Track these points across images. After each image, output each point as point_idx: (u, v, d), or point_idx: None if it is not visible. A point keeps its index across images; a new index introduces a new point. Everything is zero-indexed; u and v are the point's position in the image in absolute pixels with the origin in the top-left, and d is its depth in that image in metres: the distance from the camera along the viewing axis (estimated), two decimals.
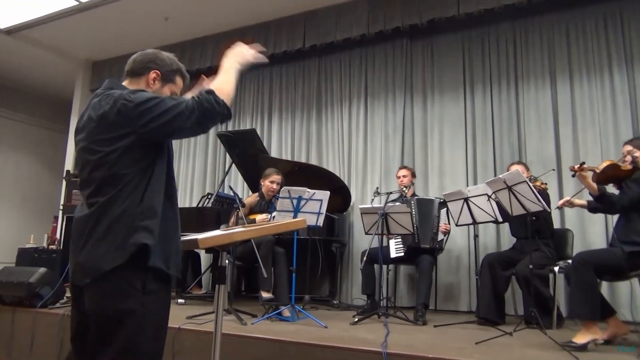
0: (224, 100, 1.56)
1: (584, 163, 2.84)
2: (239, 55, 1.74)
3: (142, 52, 1.73)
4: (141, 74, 1.68)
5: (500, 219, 3.60)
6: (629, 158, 2.90)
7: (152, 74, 1.68)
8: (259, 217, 4.14)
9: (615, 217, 3.05)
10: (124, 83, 1.68)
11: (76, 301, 1.57)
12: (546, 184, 3.42)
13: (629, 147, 2.98)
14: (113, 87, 1.61)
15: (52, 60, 7.14)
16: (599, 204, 2.99)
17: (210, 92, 1.54)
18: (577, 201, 3.16)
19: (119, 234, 1.46)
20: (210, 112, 1.53)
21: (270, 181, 4.36)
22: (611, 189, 3.01)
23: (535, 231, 3.59)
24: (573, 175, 2.91)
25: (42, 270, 4.01)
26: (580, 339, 2.63)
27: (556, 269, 3.61)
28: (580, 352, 2.51)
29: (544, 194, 3.56)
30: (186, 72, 1.80)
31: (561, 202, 3.19)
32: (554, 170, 4.18)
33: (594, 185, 2.86)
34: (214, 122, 1.59)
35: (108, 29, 6.18)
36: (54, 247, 6.32)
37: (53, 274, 4.12)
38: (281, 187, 4.36)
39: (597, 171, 2.85)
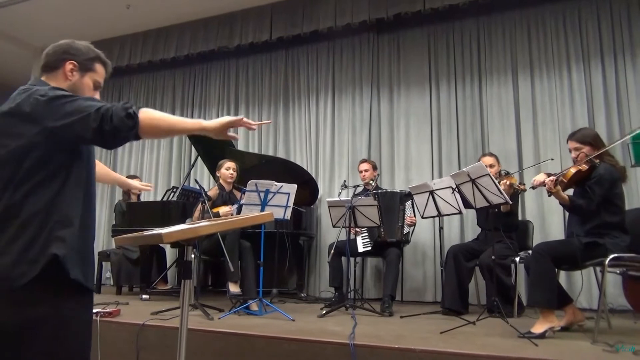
0: (138, 124, 1.40)
1: (557, 180, 2.86)
2: (223, 128, 1.58)
3: (54, 44, 1.63)
4: (56, 67, 1.59)
5: (463, 211, 3.68)
6: (582, 156, 2.97)
7: (69, 65, 1.58)
8: (222, 210, 4.08)
9: None
10: (42, 79, 1.59)
11: None
12: (524, 184, 3.43)
13: (575, 144, 3.02)
14: (36, 84, 1.53)
15: (6, 48, 6.81)
16: (569, 211, 3.04)
17: (131, 109, 1.40)
18: (562, 194, 2.93)
19: (30, 244, 1.37)
20: (114, 120, 1.37)
21: (225, 168, 4.35)
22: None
23: (503, 224, 3.68)
24: (549, 195, 2.92)
25: None
26: (538, 328, 2.72)
27: (517, 259, 3.73)
28: (539, 339, 2.61)
29: (516, 195, 3.65)
30: (106, 59, 1.69)
31: (549, 180, 2.88)
32: (552, 159, 4.20)
33: (566, 196, 2.91)
34: (116, 134, 1.40)
35: (67, 16, 5.93)
36: None
37: None
38: (238, 174, 4.35)
39: (565, 181, 2.92)
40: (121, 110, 1.39)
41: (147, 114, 1.43)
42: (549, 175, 2.95)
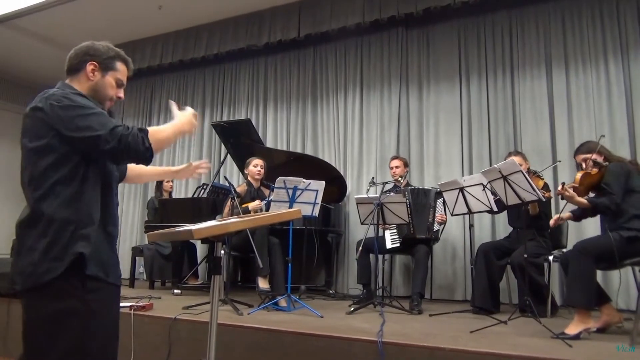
0: (151, 145, 1.51)
1: (564, 183, 2.91)
2: (189, 124, 1.74)
3: (75, 47, 1.69)
4: (79, 69, 1.64)
5: (495, 209, 3.61)
6: (589, 163, 3.01)
7: (90, 66, 1.64)
8: (252, 205, 4.13)
9: None
10: (66, 82, 1.65)
11: (20, 299, 1.53)
12: (550, 191, 3.50)
13: (582, 156, 3.11)
14: (59, 87, 1.59)
15: (43, 50, 7.05)
16: (596, 214, 3.08)
17: (143, 132, 1.50)
18: (565, 215, 3.24)
19: (54, 242, 1.44)
20: (131, 150, 1.47)
21: (253, 165, 4.41)
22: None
23: (534, 222, 3.60)
24: (562, 198, 2.97)
25: None
26: (573, 329, 2.65)
27: (551, 258, 3.64)
28: (574, 340, 2.54)
29: (547, 201, 3.63)
30: (127, 56, 1.75)
31: (552, 221, 3.27)
32: (560, 161, 4.17)
33: (583, 200, 2.92)
34: (130, 160, 1.54)
35: (100, 18, 6.10)
36: None
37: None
38: (265, 171, 4.40)
39: (577, 185, 2.94)
40: (140, 144, 1.48)
41: (155, 140, 1.53)
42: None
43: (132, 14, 5.99)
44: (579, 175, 2.97)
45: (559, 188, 2.90)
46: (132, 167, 1.88)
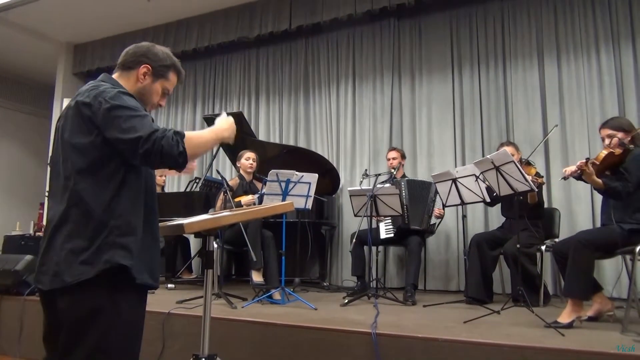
0: (186, 151, 1.45)
1: (588, 159, 2.78)
2: (229, 130, 1.68)
3: (136, 44, 1.66)
4: (132, 68, 1.62)
5: (488, 200, 3.62)
6: (615, 141, 2.87)
7: (143, 69, 1.61)
8: (244, 199, 4.11)
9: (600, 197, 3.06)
10: (114, 75, 1.62)
11: (43, 300, 1.51)
12: (543, 177, 3.37)
13: (608, 131, 2.94)
14: (105, 81, 1.56)
15: (32, 44, 6.96)
16: (605, 196, 2.93)
17: (179, 135, 1.45)
18: (596, 178, 2.81)
19: (86, 245, 1.40)
20: (164, 153, 1.41)
21: (245, 158, 4.38)
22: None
23: (528, 212, 3.61)
24: (581, 175, 2.78)
25: (29, 257, 3.97)
26: (566, 317, 2.66)
27: (543, 247, 3.66)
28: (566, 329, 2.56)
29: (539, 186, 3.57)
30: (182, 68, 1.72)
31: (569, 171, 2.84)
32: (557, 125, 4.09)
33: (599, 180, 2.80)
34: (163, 164, 1.46)
35: (89, 11, 6.03)
36: (40, 234, 6.25)
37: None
38: (258, 164, 4.38)
39: (598, 163, 2.81)
40: (174, 147, 1.42)
41: (191, 145, 1.48)
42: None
43: (122, 7, 5.92)
44: (603, 153, 2.82)
45: (581, 162, 2.74)
46: None
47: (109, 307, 1.41)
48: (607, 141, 2.94)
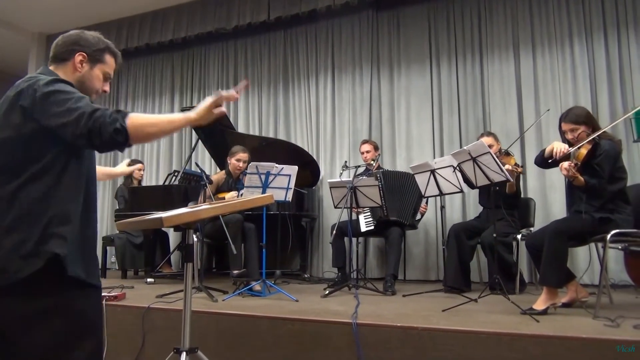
0: (126, 129, 1.37)
1: (577, 164, 2.77)
2: (199, 112, 1.56)
3: (64, 34, 1.61)
4: (66, 59, 1.57)
5: (465, 190, 3.67)
6: (583, 135, 2.89)
7: (78, 57, 1.57)
8: (228, 196, 4.09)
9: None
10: (50, 68, 1.57)
11: None
12: (522, 166, 3.38)
13: (570, 125, 2.92)
14: (43, 73, 1.52)
15: (2, 34, 6.75)
16: (582, 192, 2.92)
17: (121, 113, 1.39)
18: (581, 178, 2.83)
19: (25, 239, 1.35)
20: (102, 131, 1.35)
21: (236, 159, 4.29)
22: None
23: (504, 201, 3.68)
24: (572, 182, 2.82)
25: None
26: (540, 305, 2.74)
27: (519, 236, 3.74)
28: (541, 316, 2.63)
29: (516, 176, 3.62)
30: (116, 49, 1.67)
31: (572, 168, 2.78)
32: (549, 110, 4.09)
33: (582, 179, 2.82)
34: (103, 144, 1.38)
35: (61, 1, 5.86)
36: None
37: None
38: (248, 164, 4.32)
39: (579, 163, 2.83)
40: (109, 125, 1.35)
41: (136, 123, 1.40)
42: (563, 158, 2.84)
43: None
44: (583, 152, 2.81)
45: (570, 168, 2.73)
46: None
47: (60, 308, 1.37)
48: (570, 135, 2.94)
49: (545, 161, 3.00)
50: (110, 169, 2.23)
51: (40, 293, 1.36)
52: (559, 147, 2.87)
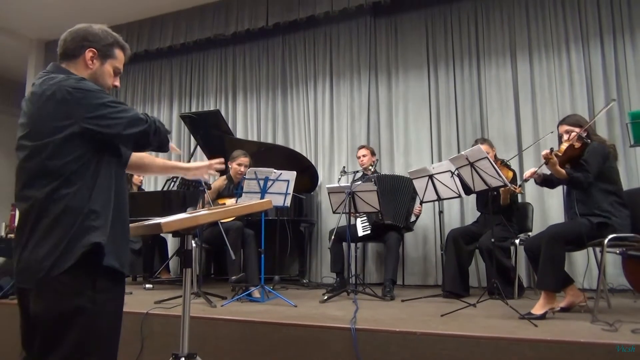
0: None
1: (552, 149, 2.89)
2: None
3: (70, 30, 1.60)
4: (76, 55, 1.55)
5: (463, 195, 3.68)
6: (574, 135, 3.00)
7: (89, 53, 1.55)
8: (229, 202, 4.09)
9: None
10: (62, 66, 1.57)
11: (21, 302, 1.47)
12: (521, 186, 3.55)
13: (566, 127, 3.11)
14: (56, 71, 1.52)
15: (1, 41, 6.76)
16: (569, 185, 3.06)
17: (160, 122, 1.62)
18: (539, 171, 3.15)
19: (63, 235, 1.37)
20: (161, 133, 1.60)
21: (237, 164, 4.29)
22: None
23: (500, 207, 3.69)
24: (546, 164, 2.92)
25: (1, 259, 3.88)
26: (539, 309, 2.74)
27: (517, 241, 3.75)
28: (539, 320, 2.63)
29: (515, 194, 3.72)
30: (124, 41, 1.68)
31: (529, 173, 3.13)
32: (552, 132, 4.12)
33: (563, 170, 2.91)
34: (161, 144, 1.64)
35: (61, 7, 5.88)
36: (12, 235, 6.09)
37: (13, 264, 3.98)
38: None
39: (560, 154, 2.94)
40: (163, 126, 1.61)
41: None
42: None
43: (95, 3, 5.80)
44: (564, 145, 2.97)
45: (546, 151, 2.85)
46: (136, 156, 1.77)
47: (89, 307, 1.39)
48: (565, 136, 3.08)
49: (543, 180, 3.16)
50: (178, 163, 2.14)
51: (71, 292, 1.37)
52: (527, 173, 3.07)
